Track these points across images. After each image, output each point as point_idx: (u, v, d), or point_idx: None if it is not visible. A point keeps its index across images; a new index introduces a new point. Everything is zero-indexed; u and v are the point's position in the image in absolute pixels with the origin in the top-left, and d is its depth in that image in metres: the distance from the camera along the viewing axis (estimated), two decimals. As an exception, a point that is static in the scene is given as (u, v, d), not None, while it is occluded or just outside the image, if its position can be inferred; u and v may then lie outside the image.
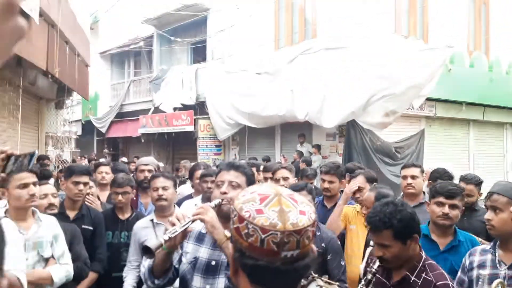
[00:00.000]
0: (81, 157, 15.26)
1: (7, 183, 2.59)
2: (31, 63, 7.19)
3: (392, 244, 2.09)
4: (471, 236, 2.93)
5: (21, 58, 6.84)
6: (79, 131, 18.56)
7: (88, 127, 18.78)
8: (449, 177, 3.86)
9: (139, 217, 3.78)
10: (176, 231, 1.84)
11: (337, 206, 3.69)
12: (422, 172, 3.81)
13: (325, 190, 3.88)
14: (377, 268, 2.07)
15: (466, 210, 3.24)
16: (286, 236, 1.01)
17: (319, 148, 10.88)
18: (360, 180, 3.71)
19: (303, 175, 4.90)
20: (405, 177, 3.75)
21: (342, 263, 3.06)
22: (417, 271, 2.14)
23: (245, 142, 13.04)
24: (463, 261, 2.56)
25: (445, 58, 9.25)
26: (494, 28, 12.77)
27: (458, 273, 2.58)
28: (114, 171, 4.66)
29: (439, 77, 9.42)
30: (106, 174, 4.58)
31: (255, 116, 11.61)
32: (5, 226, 0.97)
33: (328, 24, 10.93)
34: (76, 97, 13.29)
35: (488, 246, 2.51)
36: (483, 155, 12.25)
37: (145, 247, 1.77)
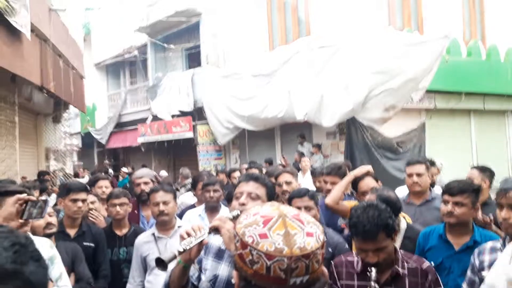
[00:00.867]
0: (83, 170, 15.22)
1: None
2: (26, 79, 7.15)
3: (387, 244, 2.08)
4: (492, 234, 2.80)
5: (15, 75, 6.80)
6: (79, 144, 18.55)
7: (87, 139, 18.73)
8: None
9: (138, 231, 3.73)
10: (191, 242, 1.76)
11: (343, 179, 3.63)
12: (427, 168, 3.72)
13: (328, 191, 3.80)
14: (375, 275, 2.02)
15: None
16: (293, 261, 0.95)
17: (320, 147, 10.80)
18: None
19: None
20: (410, 175, 3.67)
21: None
22: (400, 262, 2.14)
23: (246, 145, 12.96)
24: (471, 261, 2.44)
25: (442, 48, 9.16)
26: (489, 15, 12.70)
27: (467, 273, 2.46)
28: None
29: (437, 68, 9.35)
30: (105, 188, 4.50)
31: (254, 119, 11.54)
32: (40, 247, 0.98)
33: (321, 21, 10.87)
34: (73, 110, 13.26)
35: (498, 243, 2.39)
36: (485, 144, 12.16)
37: (158, 259, 1.69)
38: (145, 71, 16.67)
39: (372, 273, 2.02)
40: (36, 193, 4.76)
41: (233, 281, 1.06)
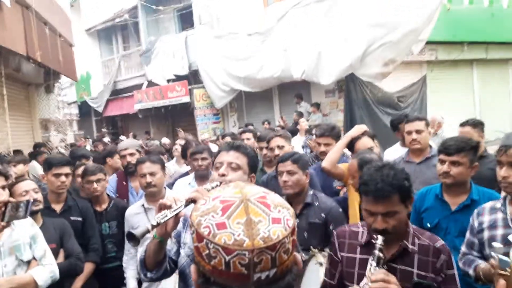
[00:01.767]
0: (84, 139, 15.08)
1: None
2: (10, 50, 6.89)
3: (399, 209, 1.80)
4: (491, 191, 2.64)
5: (-2, 45, 6.54)
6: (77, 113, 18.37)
7: (84, 108, 18.53)
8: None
9: (118, 205, 3.69)
10: (166, 216, 1.66)
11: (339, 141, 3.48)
12: (427, 125, 3.54)
13: (322, 153, 3.63)
14: (382, 243, 1.79)
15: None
16: (256, 255, 0.79)
17: (318, 106, 10.59)
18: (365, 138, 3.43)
19: None
20: (409, 132, 3.50)
21: None
22: (410, 237, 1.88)
23: (243, 107, 12.75)
24: (470, 222, 2.32)
25: (442, -3, 8.78)
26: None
27: (466, 235, 2.35)
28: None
29: (438, 18, 8.98)
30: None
31: (250, 80, 11.29)
32: None
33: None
34: (66, 79, 12.98)
35: (498, 203, 2.26)
36: (488, 96, 11.91)
37: (129, 233, 1.60)
38: (137, 36, 16.22)
39: (378, 240, 1.76)
40: (22, 167, 4.62)
41: (192, 276, 0.91)
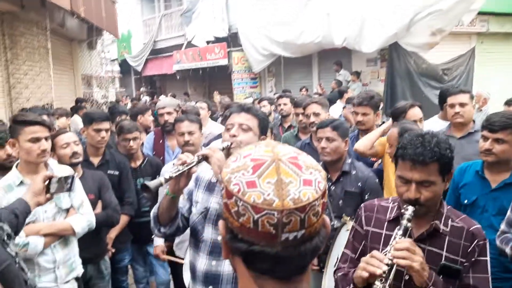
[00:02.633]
0: (126, 96, 15.37)
1: (17, 134, 2.45)
2: (56, 4, 7.01)
3: (436, 180, 1.67)
4: None
5: (44, -1, 6.66)
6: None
7: (124, 66, 18.82)
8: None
9: (152, 162, 3.79)
10: (178, 170, 1.73)
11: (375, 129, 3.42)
12: (471, 98, 3.37)
13: (359, 123, 3.55)
14: (411, 213, 1.70)
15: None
16: (285, 215, 0.78)
17: (358, 75, 10.32)
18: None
19: None
20: (452, 106, 3.34)
21: None
22: (443, 218, 1.75)
23: (281, 73, 12.60)
24: None
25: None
26: None
27: (508, 213, 2.26)
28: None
29: (493, -13, 8.46)
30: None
31: (290, 45, 11.10)
32: None
33: None
34: (109, 36, 13.14)
35: None
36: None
37: (143, 185, 1.68)
38: (179, -6, 16.15)
39: (407, 211, 1.65)
40: (65, 120, 4.76)
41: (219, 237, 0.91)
